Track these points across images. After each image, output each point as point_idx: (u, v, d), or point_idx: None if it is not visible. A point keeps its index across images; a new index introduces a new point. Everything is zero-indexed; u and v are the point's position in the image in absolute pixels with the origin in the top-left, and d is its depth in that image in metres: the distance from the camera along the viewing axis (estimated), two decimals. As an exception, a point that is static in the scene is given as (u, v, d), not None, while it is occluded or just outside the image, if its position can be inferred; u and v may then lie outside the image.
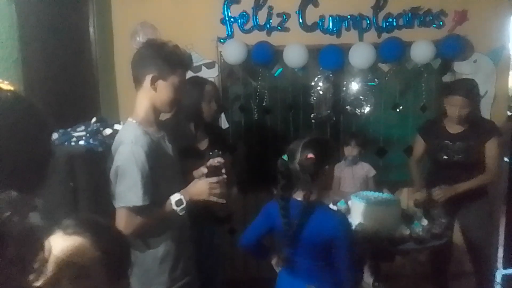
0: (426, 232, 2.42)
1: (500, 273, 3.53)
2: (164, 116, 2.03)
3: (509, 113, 3.46)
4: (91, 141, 1.85)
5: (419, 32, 3.18)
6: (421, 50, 3.11)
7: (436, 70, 3.31)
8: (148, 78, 1.61)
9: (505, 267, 3.58)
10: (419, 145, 2.87)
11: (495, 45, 3.23)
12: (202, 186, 1.68)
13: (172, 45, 1.65)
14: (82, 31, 2.84)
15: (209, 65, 3.18)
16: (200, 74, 2.96)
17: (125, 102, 3.06)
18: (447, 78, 3.30)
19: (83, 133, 1.91)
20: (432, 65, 3.27)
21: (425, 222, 2.51)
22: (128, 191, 1.55)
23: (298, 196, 1.74)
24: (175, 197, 1.65)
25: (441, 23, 3.19)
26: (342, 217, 1.87)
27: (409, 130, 3.36)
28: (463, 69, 3.25)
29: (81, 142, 1.88)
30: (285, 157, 1.71)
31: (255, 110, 3.35)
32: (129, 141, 1.57)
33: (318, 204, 1.74)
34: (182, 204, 1.64)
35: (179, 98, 1.69)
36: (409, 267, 3.27)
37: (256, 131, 3.38)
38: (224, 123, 3.26)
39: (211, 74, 3.14)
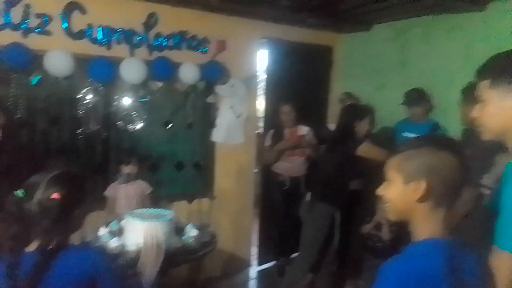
0: (196, 242, 2.59)
1: (255, 270, 4.10)
2: None
3: (257, 132, 4.08)
4: None
5: (187, 54, 3.40)
6: (187, 72, 3.33)
7: (201, 91, 3.61)
8: None
9: (260, 263, 4.17)
10: None
11: (248, 73, 3.79)
12: None
13: None
14: None
15: None
16: None
17: None
18: (210, 99, 3.64)
19: None
20: (198, 87, 3.55)
21: (195, 232, 2.67)
22: None
23: (32, 246, 1.31)
24: None
25: (205, 49, 3.51)
26: (97, 250, 1.72)
27: (178, 146, 3.54)
28: (223, 92, 3.66)
29: None
30: (19, 193, 1.28)
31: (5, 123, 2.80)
32: None
33: (61, 248, 1.31)
34: None
35: None
36: (183, 277, 3.40)
37: (5, 150, 2.81)
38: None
39: None
